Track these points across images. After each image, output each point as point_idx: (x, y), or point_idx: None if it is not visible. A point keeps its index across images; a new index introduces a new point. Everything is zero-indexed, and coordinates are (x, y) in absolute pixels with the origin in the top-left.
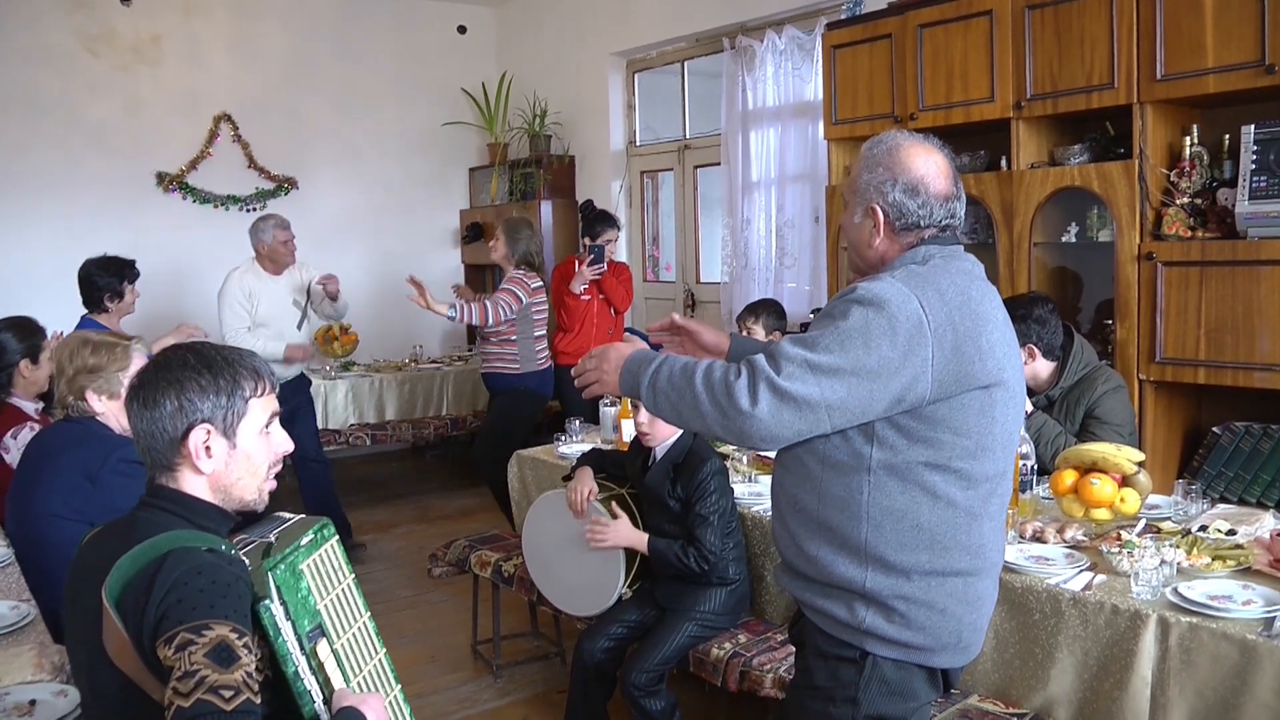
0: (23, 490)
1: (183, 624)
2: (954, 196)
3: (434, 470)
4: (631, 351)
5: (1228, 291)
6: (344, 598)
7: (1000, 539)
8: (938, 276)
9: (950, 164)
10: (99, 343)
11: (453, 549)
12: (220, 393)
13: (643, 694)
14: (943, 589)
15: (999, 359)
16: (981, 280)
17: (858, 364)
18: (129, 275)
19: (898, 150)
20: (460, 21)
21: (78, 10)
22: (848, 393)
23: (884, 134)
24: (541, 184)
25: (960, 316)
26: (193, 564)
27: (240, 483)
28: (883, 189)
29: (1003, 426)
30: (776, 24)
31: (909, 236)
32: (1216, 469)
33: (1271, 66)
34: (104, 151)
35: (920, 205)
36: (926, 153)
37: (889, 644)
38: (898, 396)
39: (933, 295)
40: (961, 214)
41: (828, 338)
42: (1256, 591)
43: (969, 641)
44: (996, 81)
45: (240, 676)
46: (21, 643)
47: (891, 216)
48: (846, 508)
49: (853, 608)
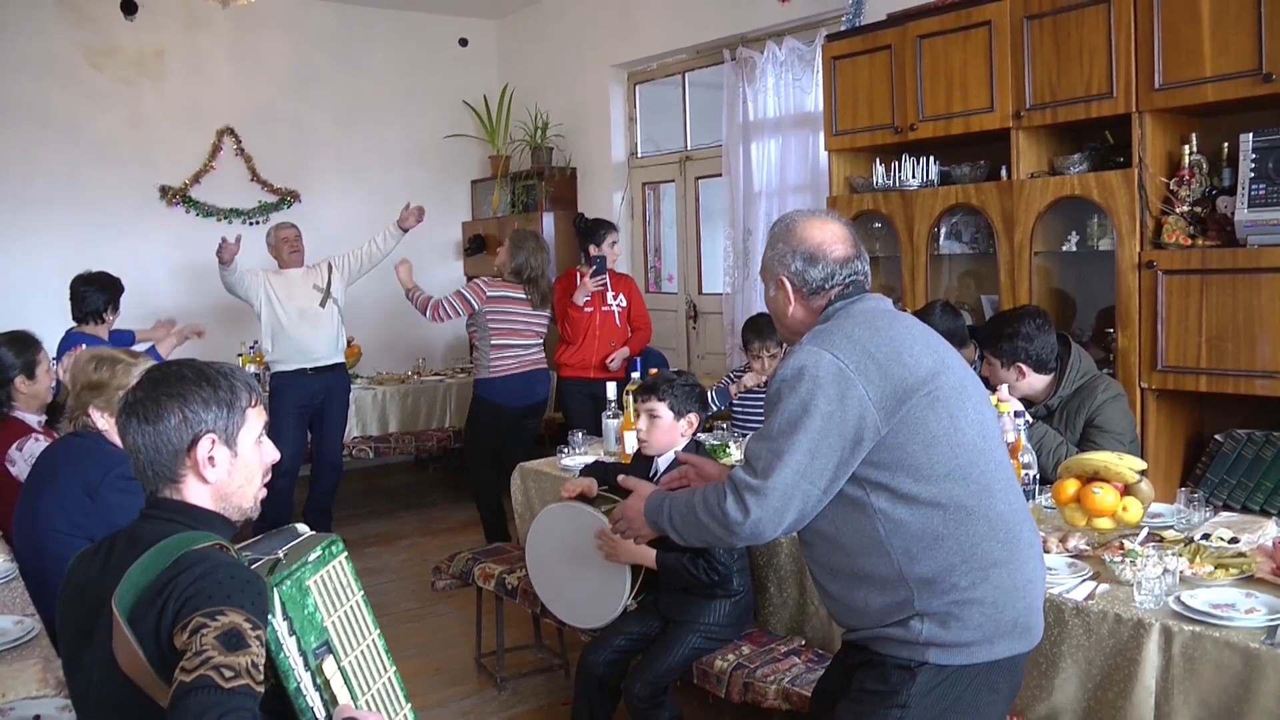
0: (28, 503)
1: (199, 610)
2: (854, 258)
3: (437, 482)
4: (643, 504)
5: (1228, 299)
6: (352, 614)
7: (1028, 518)
8: (841, 324)
9: (848, 230)
10: (104, 359)
11: (456, 561)
12: (221, 404)
13: (647, 706)
14: (988, 583)
15: (928, 364)
16: (888, 312)
17: (809, 429)
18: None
19: (794, 226)
20: (462, 34)
21: (81, 24)
22: (812, 458)
23: (783, 214)
24: (543, 196)
25: (874, 346)
26: (214, 560)
27: (240, 491)
28: (785, 261)
29: (965, 418)
30: (777, 35)
31: (817, 300)
32: (1219, 477)
33: (1269, 75)
34: (107, 165)
35: (821, 270)
36: (822, 224)
37: (949, 649)
38: (855, 438)
39: (840, 341)
40: (865, 270)
41: (778, 423)
42: (1260, 600)
43: (1027, 625)
44: (996, 92)
45: (245, 661)
46: (26, 658)
47: (798, 284)
48: (871, 550)
49: (908, 626)
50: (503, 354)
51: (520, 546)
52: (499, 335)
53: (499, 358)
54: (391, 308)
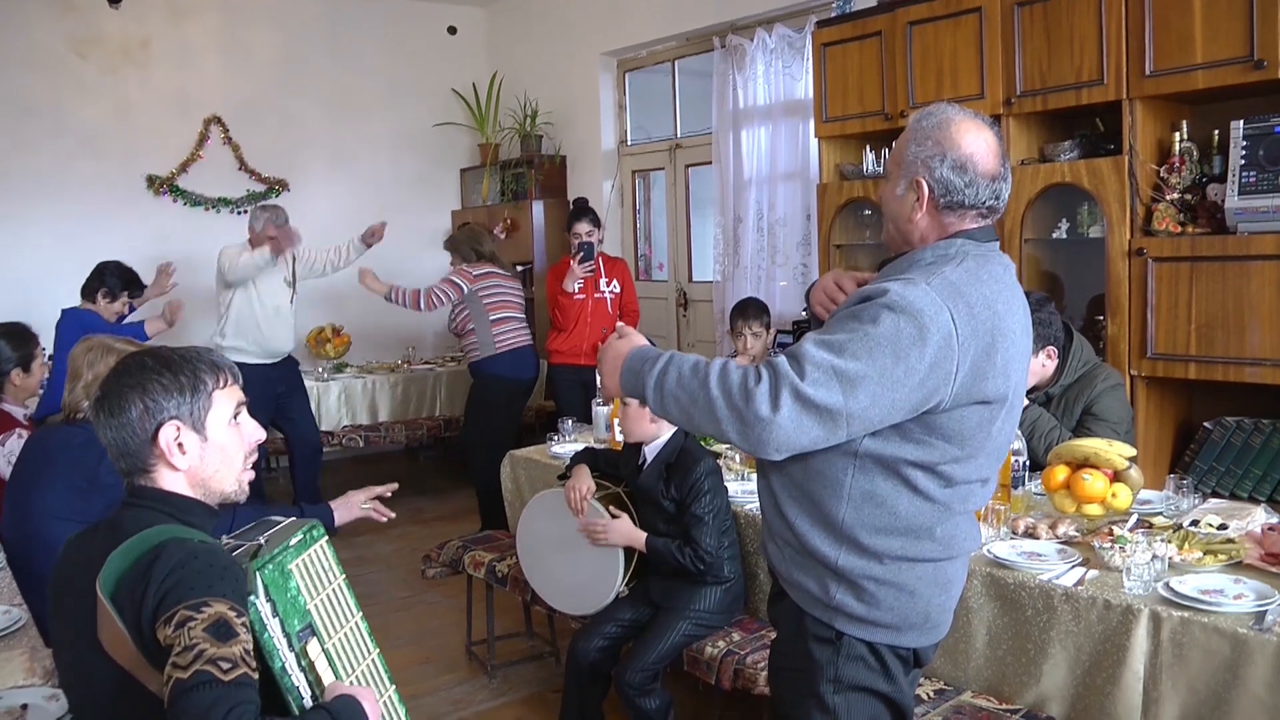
0: (20, 491)
1: (182, 602)
2: (1000, 177)
3: (428, 471)
4: (632, 348)
5: (1218, 287)
6: (335, 598)
7: (973, 527)
8: (969, 286)
9: (999, 143)
10: (121, 351)
11: (446, 550)
12: (183, 390)
13: (637, 693)
14: (912, 573)
15: (1009, 376)
16: (1010, 287)
17: (885, 373)
18: (132, 289)
19: (949, 125)
20: (450, 22)
21: (66, 14)
22: (871, 401)
23: (934, 106)
24: (533, 184)
25: (983, 331)
26: (190, 549)
27: (218, 475)
28: (930, 164)
29: (996, 441)
30: (767, 22)
31: (951, 216)
32: (1208, 464)
33: (1260, 62)
34: (94, 155)
35: (967, 184)
36: (977, 129)
37: (858, 622)
38: (916, 406)
39: (963, 308)
40: (1006, 196)
41: (856, 343)
42: (1248, 585)
43: (937, 621)
44: (986, 78)
45: (239, 651)
46: (13, 647)
47: (937, 193)
48: (830, 485)
49: (824, 583)
50: (504, 328)
51: (511, 534)
52: (496, 309)
53: (501, 332)
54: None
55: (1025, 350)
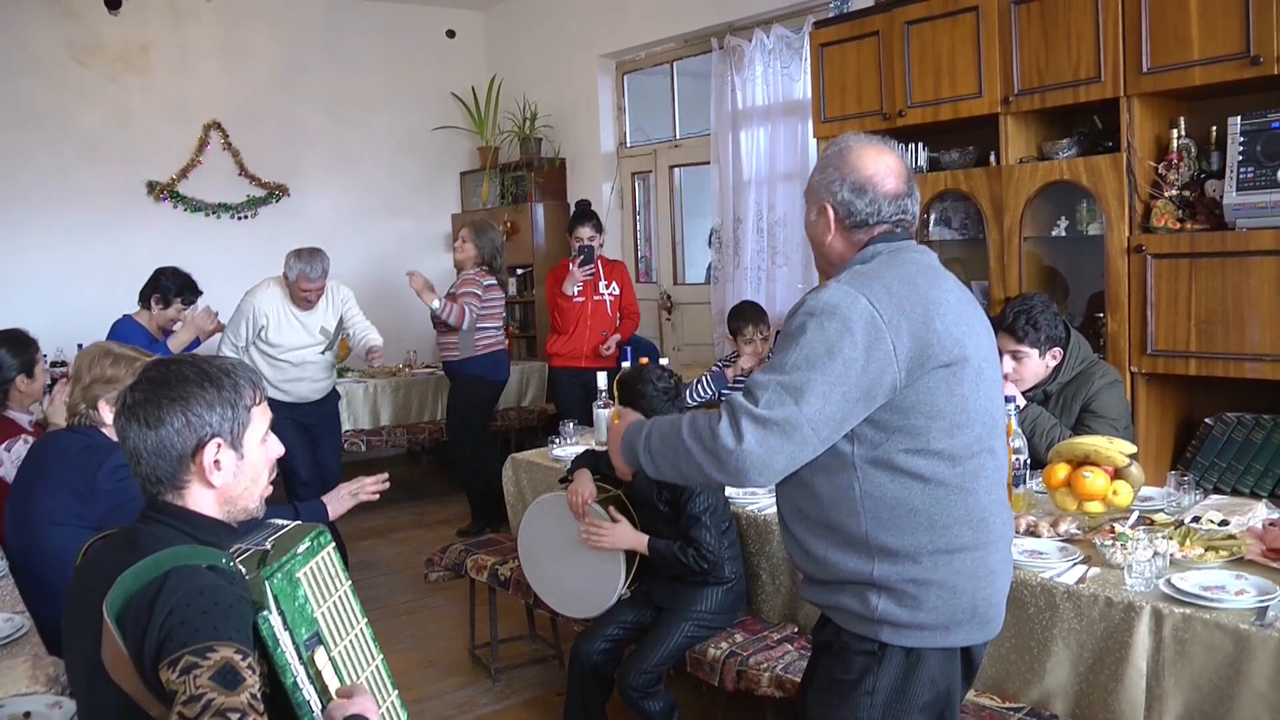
0: (22, 498)
1: (186, 646)
2: (904, 194)
3: (429, 475)
4: (627, 426)
5: (1217, 283)
6: (341, 604)
7: (1006, 511)
8: (882, 271)
9: (903, 164)
10: (120, 355)
11: (449, 553)
12: (225, 404)
13: (641, 695)
14: (950, 567)
15: (956, 337)
16: (930, 268)
17: (826, 372)
18: (186, 294)
19: (848, 151)
20: (449, 26)
21: (65, 20)
22: (823, 402)
23: (841, 136)
24: (533, 187)
25: (910, 305)
26: (195, 584)
27: (246, 492)
28: (832, 188)
29: (975, 402)
30: (764, 23)
31: (860, 234)
32: (1209, 460)
33: (1257, 58)
34: (94, 161)
35: (868, 203)
36: (877, 153)
37: (904, 629)
38: (869, 393)
39: (879, 290)
40: (914, 211)
41: (793, 357)
42: (1249, 581)
43: (986, 616)
44: (984, 77)
45: (245, 699)
46: (16, 655)
47: (841, 214)
48: (843, 506)
49: (865, 598)
50: (487, 333)
51: (512, 537)
52: (486, 319)
53: (482, 336)
54: (382, 300)
55: (971, 316)
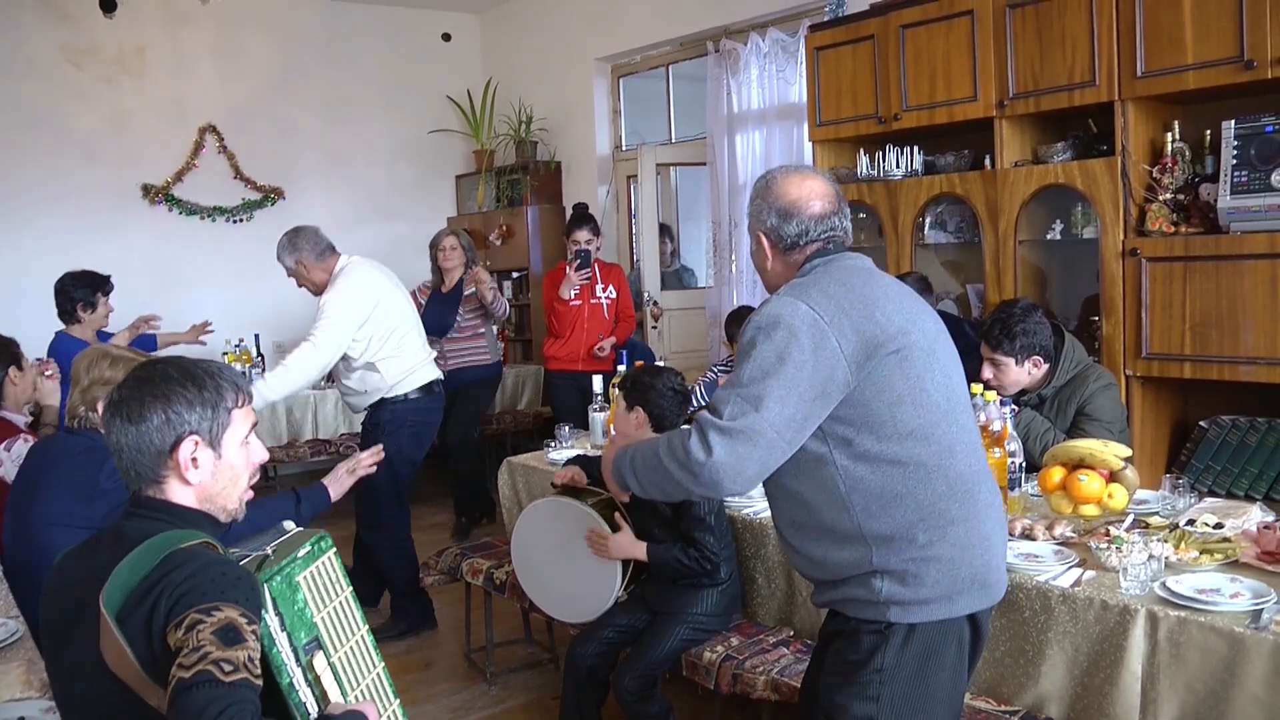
0: (21, 501)
1: (193, 607)
2: (831, 214)
3: (425, 479)
4: (614, 454)
5: (1212, 286)
6: (341, 610)
7: (989, 480)
8: (818, 279)
9: (829, 186)
10: (118, 357)
11: (444, 557)
12: (205, 404)
13: (636, 698)
14: (945, 541)
15: (899, 325)
16: (865, 270)
17: (780, 377)
18: (103, 288)
19: (773, 183)
20: (445, 29)
21: (61, 23)
22: (780, 404)
23: (766, 170)
24: (528, 190)
25: (848, 303)
26: (203, 558)
27: (224, 493)
28: (761, 217)
29: (930, 379)
30: (760, 26)
31: (794, 255)
32: (1204, 463)
33: (1251, 62)
34: (89, 164)
35: (795, 226)
36: (801, 179)
37: (910, 606)
38: (824, 390)
39: (817, 294)
40: (845, 226)
41: (748, 370)
42: (1244, 584)
43: (987, 581)
44: (979, 81)
45: (244, 656)
46: (10, 660)
47: (774, 240)
48: (832, 506)
49: (869, 584)
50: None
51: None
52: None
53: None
54: None
55: (912, 306)
